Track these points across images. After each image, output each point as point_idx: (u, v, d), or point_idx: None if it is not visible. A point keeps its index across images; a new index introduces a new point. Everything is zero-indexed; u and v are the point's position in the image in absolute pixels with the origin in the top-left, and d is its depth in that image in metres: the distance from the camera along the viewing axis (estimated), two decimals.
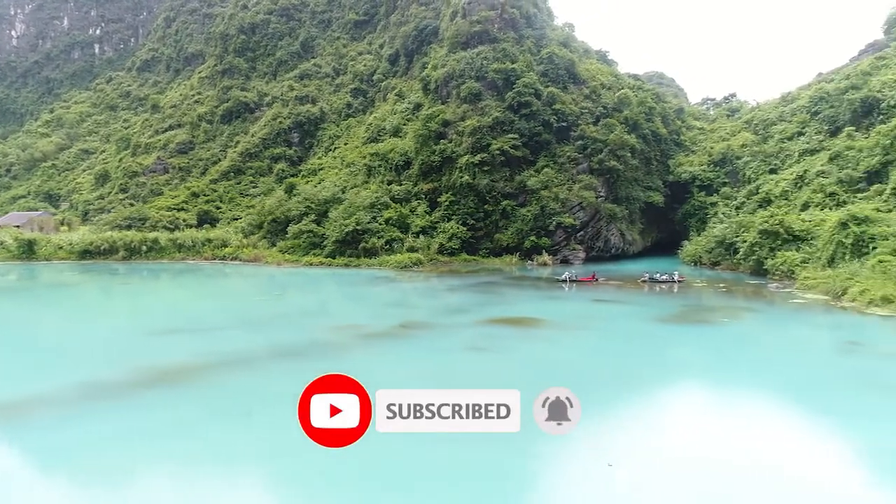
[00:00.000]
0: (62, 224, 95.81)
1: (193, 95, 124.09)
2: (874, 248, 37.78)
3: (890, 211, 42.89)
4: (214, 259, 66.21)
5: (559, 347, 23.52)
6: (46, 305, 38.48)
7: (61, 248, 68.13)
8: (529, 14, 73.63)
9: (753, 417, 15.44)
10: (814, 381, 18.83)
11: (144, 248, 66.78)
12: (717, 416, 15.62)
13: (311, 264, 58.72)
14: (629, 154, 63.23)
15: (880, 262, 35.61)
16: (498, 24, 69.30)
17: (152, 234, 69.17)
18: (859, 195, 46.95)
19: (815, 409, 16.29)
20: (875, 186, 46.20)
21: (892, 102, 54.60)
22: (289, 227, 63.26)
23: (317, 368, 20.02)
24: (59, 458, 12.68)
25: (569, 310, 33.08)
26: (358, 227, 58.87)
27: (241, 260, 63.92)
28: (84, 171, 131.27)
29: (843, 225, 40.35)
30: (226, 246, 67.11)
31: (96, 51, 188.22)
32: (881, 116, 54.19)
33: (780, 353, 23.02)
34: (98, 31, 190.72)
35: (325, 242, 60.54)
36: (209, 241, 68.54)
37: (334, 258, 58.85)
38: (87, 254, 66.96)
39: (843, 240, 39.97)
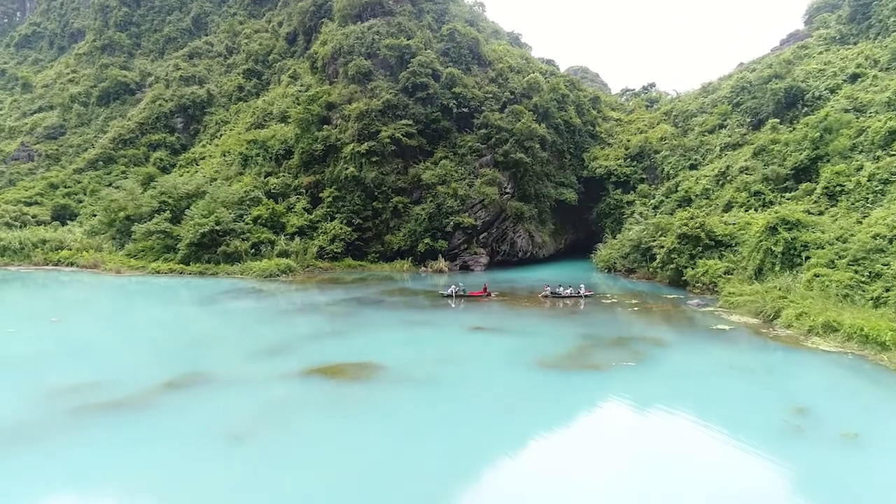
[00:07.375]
0: None
1: (68, 73, 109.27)
2: (807, 257, 31.74)
3: (821, 213, 37.19)
4: (48, 264, 54.59)
5: (365, 430, 15.12)
6: None
7: None
8: None
9: None
10: None
11: None
12: None
13: (158, 272, 48.47)
14: (538, 146, 55.85)
15: (816, 276, 29.47)
16: None
17: None
18: (787, 195, 41.29)
19: None
20: (804, 185, 40.51)
21: (816, 94, 49.72)
22: (135, 227, 52.41)
23: None
24: None
25: (431, 345, 24.87)
26: (217, 228, 49.06)
27: (78, 266, 52.69)
28: None
29: (772, 230, 34.30)
30: (62, 249, 55.46)
31: None
32: (806, 108, 49.35)
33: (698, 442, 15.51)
34: None
35: (179, 245, 50.32)
36: (43, 242, 56.61)
37: (188, 264, 48.86)
38: None
39: (773, 247, 33.90)
